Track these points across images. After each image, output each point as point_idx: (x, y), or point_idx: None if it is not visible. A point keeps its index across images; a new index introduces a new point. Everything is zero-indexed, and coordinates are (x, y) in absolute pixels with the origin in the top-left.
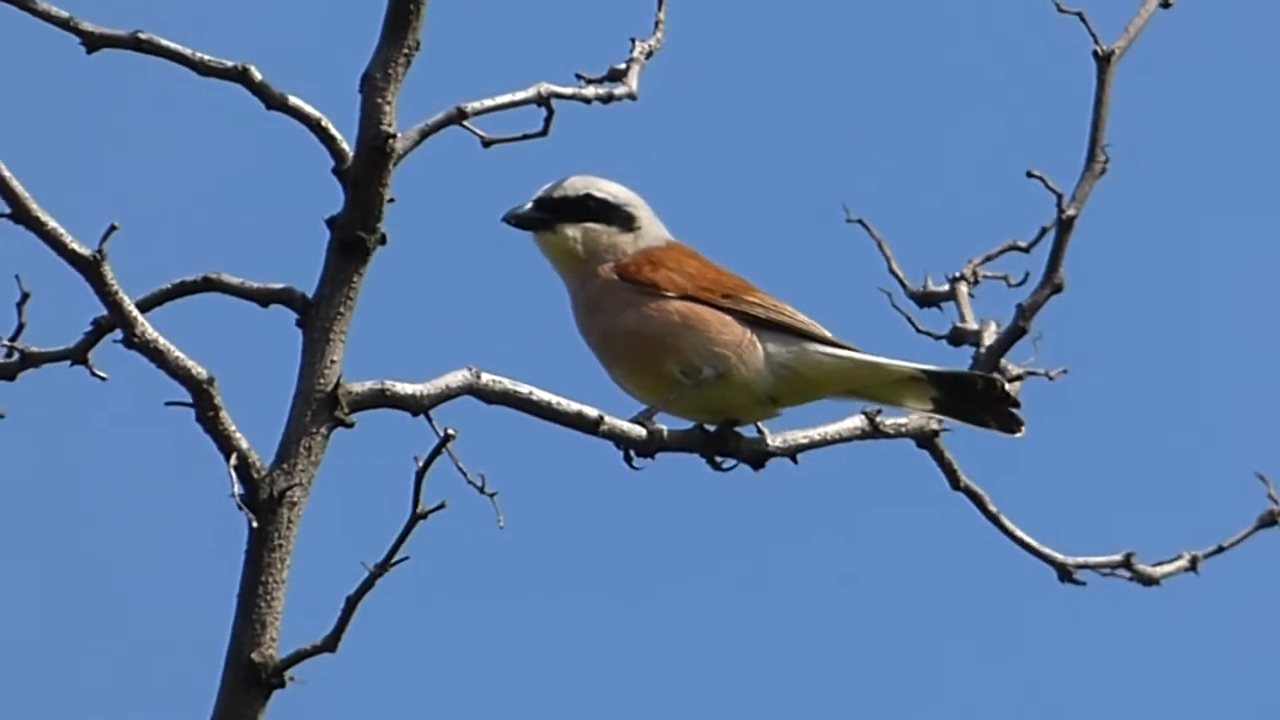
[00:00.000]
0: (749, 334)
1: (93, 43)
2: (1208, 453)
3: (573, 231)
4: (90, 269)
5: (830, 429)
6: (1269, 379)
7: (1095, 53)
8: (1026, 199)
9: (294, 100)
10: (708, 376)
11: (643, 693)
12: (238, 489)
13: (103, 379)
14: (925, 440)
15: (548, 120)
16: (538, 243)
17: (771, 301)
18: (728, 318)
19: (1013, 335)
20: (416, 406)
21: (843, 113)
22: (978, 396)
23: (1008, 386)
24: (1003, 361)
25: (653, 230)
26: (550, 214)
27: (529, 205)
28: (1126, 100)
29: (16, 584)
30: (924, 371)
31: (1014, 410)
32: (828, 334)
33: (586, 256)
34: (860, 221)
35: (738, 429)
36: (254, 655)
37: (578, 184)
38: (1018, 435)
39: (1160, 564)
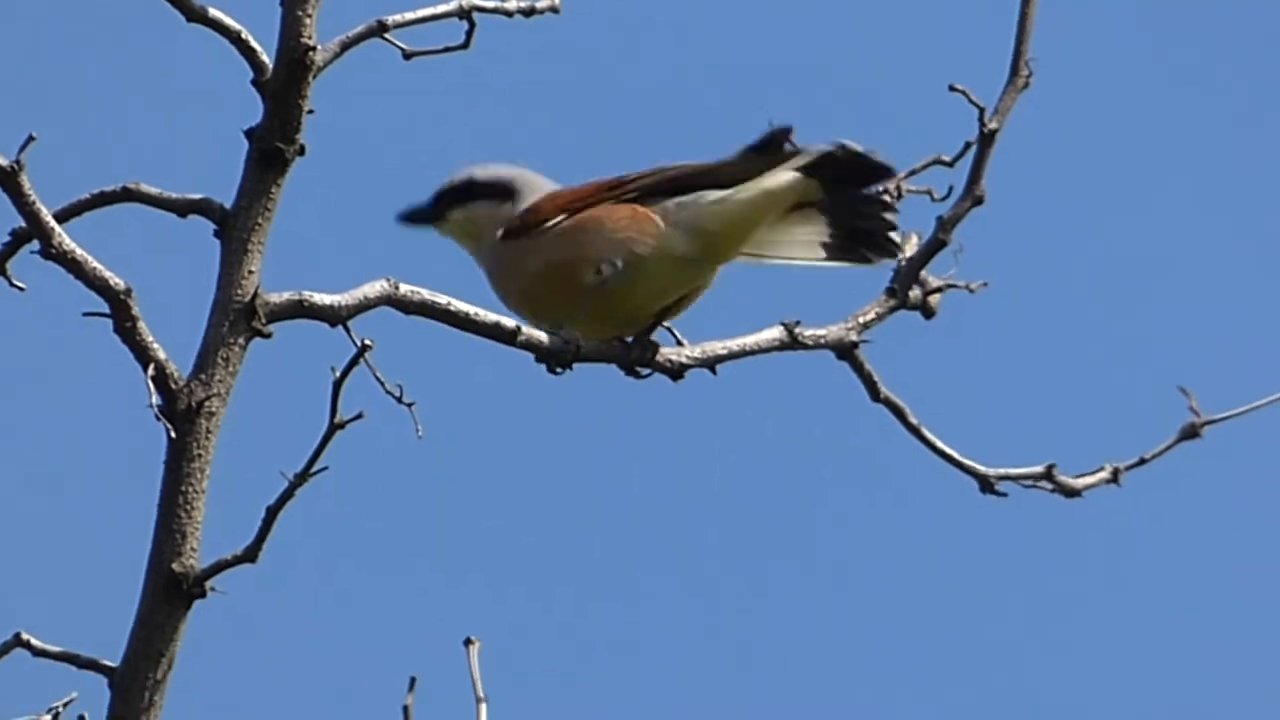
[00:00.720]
0: (647, 210)
1: None
2: (1129, 365)
3: (458, 214)
4: (7, 180)
5: (749, 340)
6: (1189, 291)
7: None
8: (950, 114)
9: (214, 13)
10: (616, 269)
11: (552, 601)
12: (155, 400)
13: (20, 289)
14: (845, 351)
15: (469, 33)
16: (439, 233)
17: (647, 171)
18: (615, 206)
19: (933, 247)
20: (334, 317)
21: (765, 25)
22: (861, 198)
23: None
24: (923, 274)
25: (535, 190)
26: (442, 205)
27: (426, 201)
28: (1049, 14)
29: None
30: (801, 168)
31: (888, 215)
32: (708, 164)
33: (479, 234)
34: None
35: (655, 340)
36: (175, 565)
37: (461, 173)
38: (901, 257)
39: (1082, 476)
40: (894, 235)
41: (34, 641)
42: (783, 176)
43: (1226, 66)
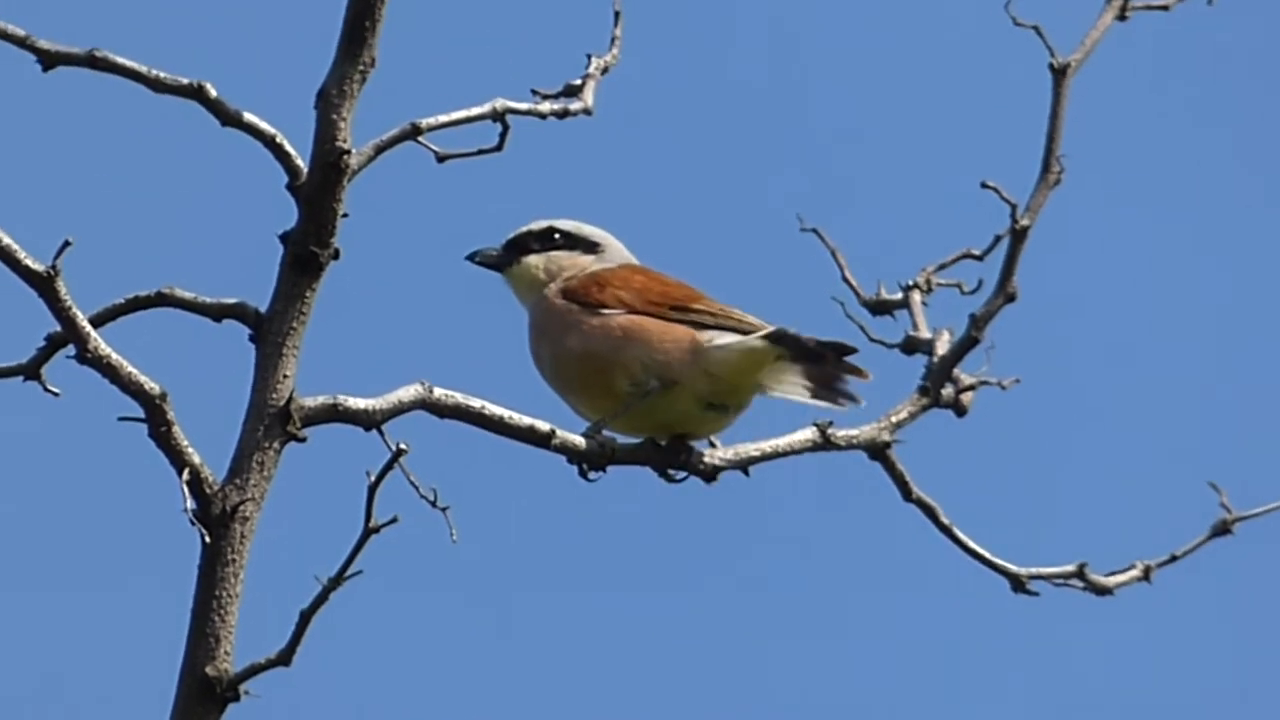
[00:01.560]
0: (695, 339)
1: (49, 60)
2: (1160, 462)
3: (536, 260)
4: (44, 285)
5: (781, 441)
6: (1220, 388)
7: (1051, 65)
8: (981, 209)
9: (249, 117)
10: (653, 387)
11: (592, 701)
12: (190, 504)
13: (55, 395)
14: (877, 452)
15: (503, 136)
16: (505, 279)
17: (719, 307)
18: (673, 326)
19: (966, 345)
20: (369, 421)
21: (797, 124)
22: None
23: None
24: (956, 371)
25: (617, 257)
26: (515, 252)
27: (497, 246)
28: (1081, 112)
29: None
30: (764, 336)
31: (849, 359)
32: (770, 327)
33: (548, 279)
34: (814, 231)
35: (690, 442)
36: (208, 669)
37: (541, 221)
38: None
39: (1113, 574)
40: (847, 390)
41: None
42: (754, 341)
43: (1261, 159)
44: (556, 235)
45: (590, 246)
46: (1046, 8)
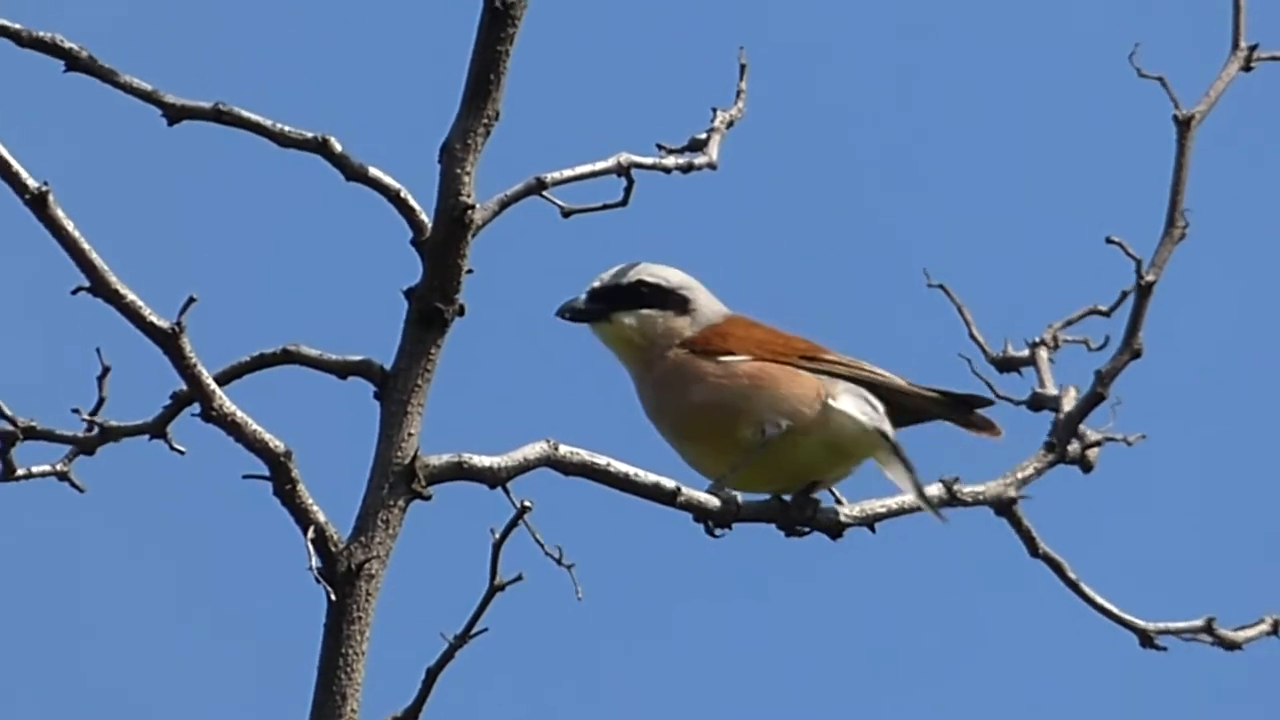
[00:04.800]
0: (822, 386)
1: (174, 115)
2: None
3: (629, 320)
4: (169, 342)
5: (908, 498)
6: None
7: (1175, 117)
8: (1107, 264)
9: (373, 171)
10: (771, 434)
11: None
12: (315, 562)
13: (181, 453)
14: (1003, 508)
15: (628, 190)
16: (595, 334)
17: (849, 360)
18: (800, 373)
19: (1091, 401)
20: (494, 479)
21: (921, 179)
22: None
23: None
24: (1081, 427)
25: (710, 309)
26: (604, 304)
27: (582, 297)
28: (1206, 165)
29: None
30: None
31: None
32: (903, 384)
33: (645, 343)
34: (941, 287)
35: (815, 497)
36: None
37: (629, 272)
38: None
39: (1242, 628)
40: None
41: None
42: (869, 426)
43: None
44: (644, 290)
45: (681, 304)
46: (1171, 59)
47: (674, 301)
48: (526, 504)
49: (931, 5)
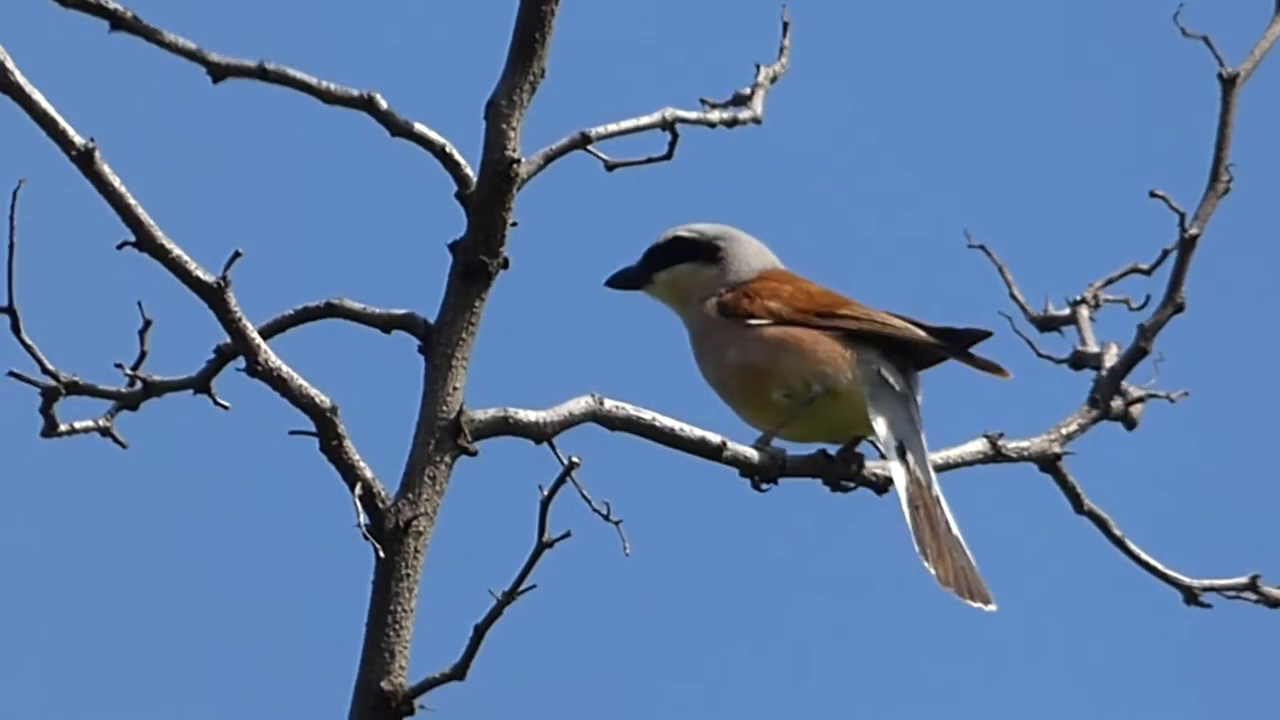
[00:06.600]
0: (844, 348)
1: (219, 73)
2: None
3: (664, 276)
4: (214, 296)
5: (953, 453)
6: None
7: (1220, 75)
8: (1149, 221)
9: (419, 127)
10: (816, 393)
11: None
12: (363, 519)
13: (225, 408)
14: (1048, 463)
15: (672, 144)
16: (648, 295)
17: (864, 312)
18: (822, 335)
19: (1134, 356)
20: (540, 434)
21: (963, 137)
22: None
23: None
24: (1124, 383)
25: (745, 256)
26: (648, 267)
27: (636, 263)
28: (1250, 122)
29: (144, 616)
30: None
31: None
32: (921, 334)
33: (685, 296)
34: (981, 247)
35: (859, 452)
36: (383, 684)
37: (668, 231)
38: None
39: None
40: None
41: None
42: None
43: None
44: (681, 245)
45: (711, 253)
46: (1215, 18)
47: (704, 252)
48: (574, 460)
49: None
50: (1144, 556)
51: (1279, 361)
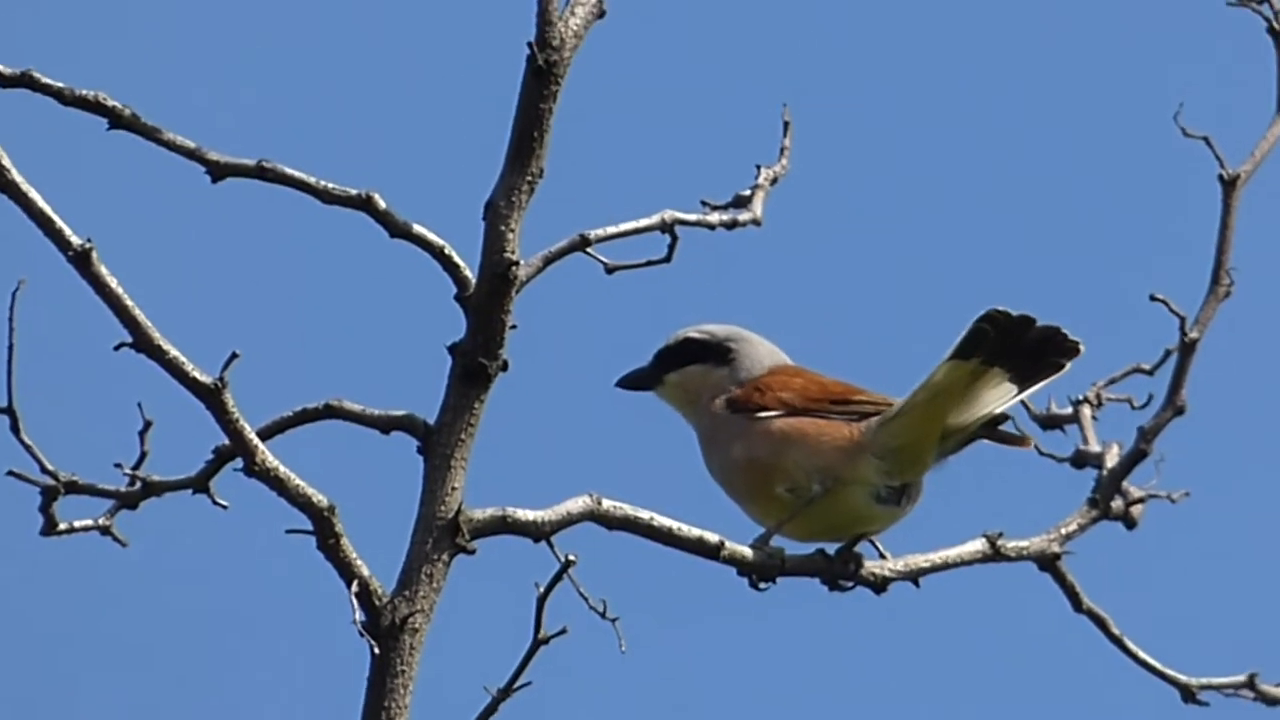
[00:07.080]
0: (856, 429)
1: (218, 172)
2: None
3: (674, 377)
4: (211, 397)
5: (951, 552)
6: None
7: (1221, 176)
8: (1152, 318)
9: (417, 228)
10: (815, 493)
11: None
12: (359, 616)
13: (224, 507)
14: (1047, 563)
15: (672, 246)
16: (658, 396)
17: (880, 398)
18: (829, 422)
19: (1135, 458)
20: (538, 533)
21: (963, 240)
22: (1026, 343)
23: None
24: (1125, 484)
25: (756, 356)
26: (659, 368)
27: (646, 365)
28: (1251, 224)
29: (143, 714)
30: (954, 354)
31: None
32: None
33: (695, 398)
34: None
35: (858, 551)
36: None
37: (679, 333)
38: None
39: None
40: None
41: None
42: (940, 370)
43: None
44: (692, 346)
45: (722, 355)
46: (1216, 119)
47: (715, 354)
48: (571, 558)
49: (972, 66)
50: (1142, 655)
51: (1277, 464)
